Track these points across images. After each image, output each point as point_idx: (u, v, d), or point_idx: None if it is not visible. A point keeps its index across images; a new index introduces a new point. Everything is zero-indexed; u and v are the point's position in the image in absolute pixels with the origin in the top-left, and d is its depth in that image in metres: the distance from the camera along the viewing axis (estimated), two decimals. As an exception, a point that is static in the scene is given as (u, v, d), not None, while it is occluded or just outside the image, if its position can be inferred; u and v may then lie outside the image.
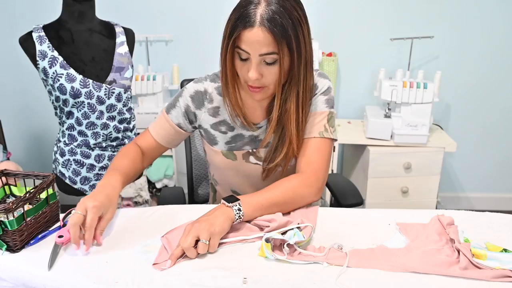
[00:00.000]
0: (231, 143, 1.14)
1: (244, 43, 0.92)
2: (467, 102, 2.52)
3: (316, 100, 1.09)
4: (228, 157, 1.14)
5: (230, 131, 1.13)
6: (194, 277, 0.81)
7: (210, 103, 1.13)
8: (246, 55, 0.94)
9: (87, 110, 1.52)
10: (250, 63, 0.95)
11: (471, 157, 2.64)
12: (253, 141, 1.14)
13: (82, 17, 1.51)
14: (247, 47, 0.93)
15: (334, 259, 0.85)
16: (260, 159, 1.15)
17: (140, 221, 1.04)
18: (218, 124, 1.14)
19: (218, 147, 1.15)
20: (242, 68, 0.98)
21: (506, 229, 0.97)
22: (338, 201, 1.41)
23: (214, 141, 1.15)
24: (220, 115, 1.13)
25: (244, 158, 1.14)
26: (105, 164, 1.61)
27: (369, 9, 2.39)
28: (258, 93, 1.01)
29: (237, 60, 0.98)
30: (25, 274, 0.85)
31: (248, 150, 1.14)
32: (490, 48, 2.41)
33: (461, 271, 0.80)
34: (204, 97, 1.12)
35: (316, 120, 1.08)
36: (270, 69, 0.96)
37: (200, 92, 1.12)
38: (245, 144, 1.14)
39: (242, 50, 0.94)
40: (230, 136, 1.14)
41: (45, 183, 0.97)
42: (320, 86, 1.10)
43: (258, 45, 0.91)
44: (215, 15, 2.43)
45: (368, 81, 2.49)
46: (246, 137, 1.13)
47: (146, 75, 2.35)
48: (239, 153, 1.14)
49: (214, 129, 1.14)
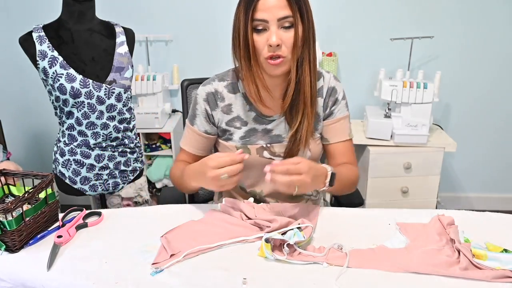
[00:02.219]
0: (245, 137, 1.16)
1: (260, 11, 0.98)
2: (467, 102, 2.52)
3: (340, 106, 1.19)
4: (243, 151, 1.16)
5: (244, 126, 1.16)
6: (194, 277, 0.81)
7: (222, 102, 1.16)
8: (264, 24, 1.00)
9: (87, 110, 1.52)
10: (269, 31, 1.00)
11: (471, 157, 2.63)
12: (267, 135, 1.16)
13: (82, 17, 1.51)
14: (264, 15, 0.98)
15: (334, 259, 0.85)
16: (274, 154, 1.17)
17: (140, 221, 1.04)
18: (232, 121, 1.17)
19: (233, 142, 1.17)
20: (260, 42, 1.02)
21: (506, 229, 0.97)
22: (338, 201, 1.41)
23: (229, 136, 1.18)
24: (233, 111, 1.16)
25: (258, 153, 1.16)
26: (105, 164, 1.61)
27: (369, 9, 2.39)
28: (277, 65, 1.03)
29: (254, 36, 1.02)
30: (24, 274, 0.85)
31: (262, 145, 1.16)
32: (490, 48, 2.41)
33: (462, 271, 0.80)
34: (216, 97, 1.15)
35: (344, 124, 1.20)
36: (287, 34, 1.01)
37: (212, 93, 1.15)
38: (259, 139, 1.17)
39: (259, 20, 0.99)
40: (244, 131, 1.16)
41: (44, 183, 0.97)
42: (339, 90, 1.18)
43: (275, 9, 0.98)
44: (215, 15, 2.43)
45: (368, 81, 2.49)
46: (260, 131, 1.16)
47: (146, 75, 2.35)
48: (253, 147, 1.16)
49: (229, 125, 1.17)
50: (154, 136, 2.51)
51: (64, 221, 1.01)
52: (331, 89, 1.17)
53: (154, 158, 2.56)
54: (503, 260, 0.80)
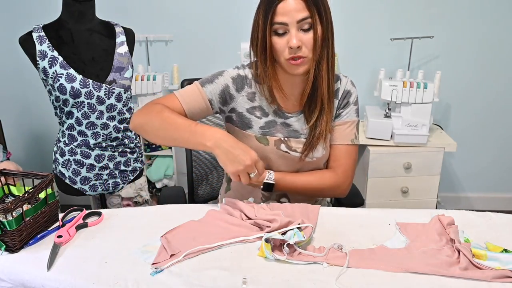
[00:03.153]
0: (265, 128, 1.17)
1: (280, 15, 1.01)
2: (467, 102, 2.52)
3: (349, 109, 1.20)
4: (261, 141, 1.17)
5: (265, 116, 1.18)
6: (194, 277, 0.81)
7: (250, 88, 1.17)
8: (284, 28, 1.03)
9: (87, 110, 1.52)
10: (289, 34, 1.03)
11: (471, 157, 2.64)
12: (286, 129, 1.18)
13: (82, 17, 1.51)
14: (284, 18, 1.01)
15: (334, 259, 0.85)
16: (290, 148, 1.18)
17: (140, 221, 1.04)
18: (253, 109, 1.18)
19: (252, 131, 1.18)
20: (280, 44, 1.05)
21: (506, 229, 0.97)
22: (339, 200, 1.41)
23: (249, 125, 1.18)
24: (257, 100, 1.18)
25: (276, 145, 1.17)
26: (105, 164, 1.61)
27: (369, 9, 2.39)
28: (299, 65, 1.06)
29: (274, 38, 1.05)
30: (24, 274, 0.85)
31: (280, 137, 1.18)
32: (490, 48, 2.41)
33: (462, 271, 0.80)
34: (245, 81, 1.17)
35: (349, 129, 1.20)
36: (307, 36, 1.04)
37: (242, 77, 1.17)
38: (278, 131, 1.18)
39: (280, 23, 1.02)
40: (264, 122, 1.17)
41: (44, 183, 0.97)
42: (353, 94, 1.21)
43: (294, 12, 1.00)
44: (215, 15, 2.42)
45: (368, 81, 2.49)
46: (279, 124, 1.18)
47: (146, 75, 2.35)
48: (272, 138, 1.17)
49: (250, 113, 1.18)
50: (154, 136, 2.50)
51: (64, 221, 1.01)
52: (346, 92, 1.20)
53: (154, 158, 2.56)
54: (503, 260, 0.80)
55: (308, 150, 1.16)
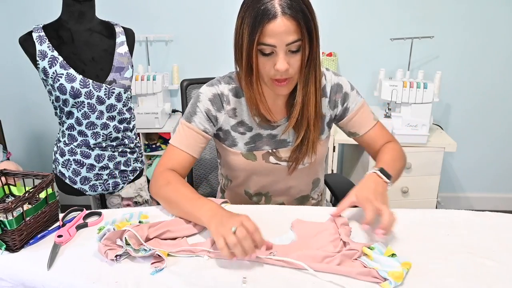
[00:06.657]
0: (250, 143, 1.14)
1: (268, 36, 0.93)
2: (467, 102, 2.52)
3: (352, 98, 1.17)
4: (248, 158, 1.14)
5: (249, 131, 1.14)
6: (194, 277, 0.81)
7: (228, 105, 1.12)
8: (271, 49, 0.95)
9: (87, 110, 1.52)
10: (276, 55, 0.95)
11: (471, 157, 2.64)
12: (272, 140, 1.15)
13: (82, 17, 1.51)
14: (272, 40, 0.93)
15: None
16: (280, 159, 1.15)
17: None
18: (236, 125, 1.14)
19: (238, 148, 1.15)
20: (266, 64, 0.98)
21: (506, 229, 0.97)
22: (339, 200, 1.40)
23: (234, 142, 1.15)
24: (238, 116, 1.13)
25: (264, 159, 1.15)
26: (105, 164, 1.61)
27: (369, 9, 2.39)
28: (284, 86, 1.01)
29: (260, 57, 0.98)
30: (24, 273, 0.85)
31: (268, 150, 1.15)
32: (490, 48, 2.41)
33: (329, 265, 0.82)
34: (222, 99, 1.12)
35: (365, 113, 1.18)
36: (295, 57, 0.97)
37: (218, 95, 1.11)
38: (264, 144, 1.15)
39: (267, 45, 0.94)
40: (249, 137, 1.14)
41: (44, 183, 0.97)
42: (344, 84, 1.16)
43: (284, 34, 0.92)
44: (215, 15, 2.43)
45: (368, 81, 2.49)
46: (265, 136, 1.14)
47: (146, 75, 2.35)
48: (259, 153, 1.15)
49: (234, 131, 1.14)
50: (154, 136, 2.51)
51: (64, 221, 1.01)
52: (336, 85, 1.14)
53: (154, 158, 2.56)
54: (384, 263, 0.82)
55: (295, 162, 1.14)
